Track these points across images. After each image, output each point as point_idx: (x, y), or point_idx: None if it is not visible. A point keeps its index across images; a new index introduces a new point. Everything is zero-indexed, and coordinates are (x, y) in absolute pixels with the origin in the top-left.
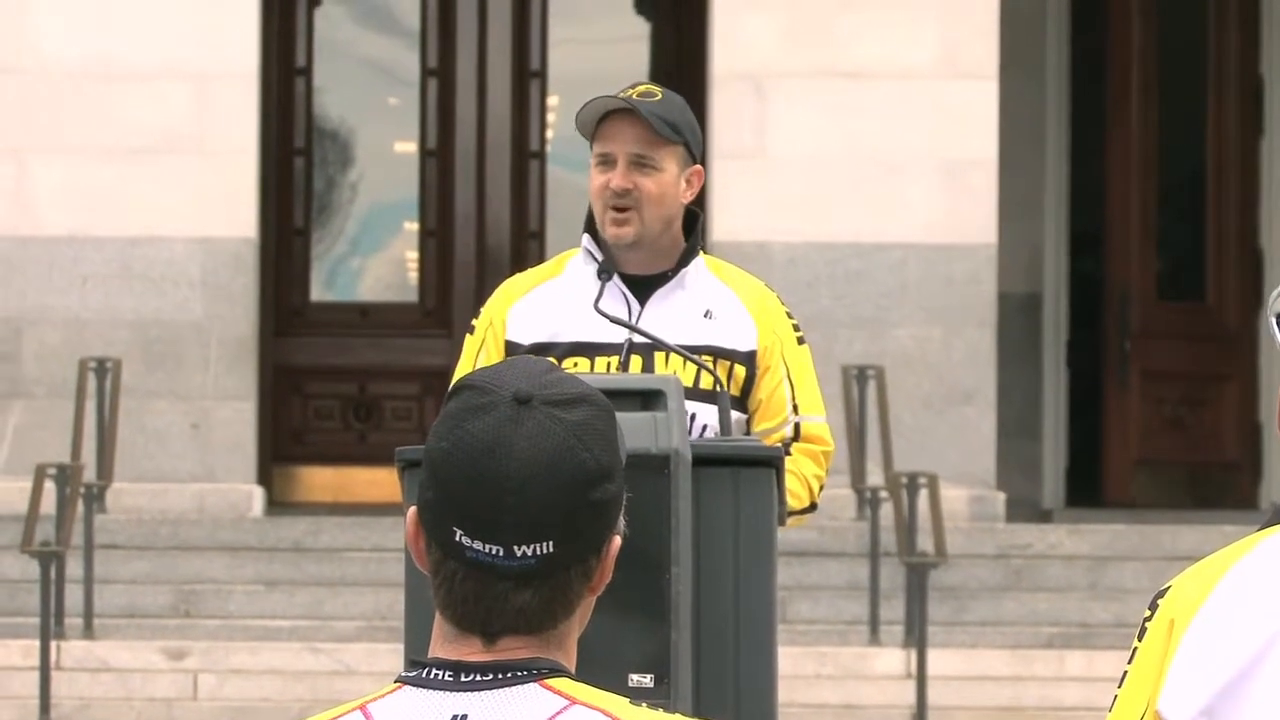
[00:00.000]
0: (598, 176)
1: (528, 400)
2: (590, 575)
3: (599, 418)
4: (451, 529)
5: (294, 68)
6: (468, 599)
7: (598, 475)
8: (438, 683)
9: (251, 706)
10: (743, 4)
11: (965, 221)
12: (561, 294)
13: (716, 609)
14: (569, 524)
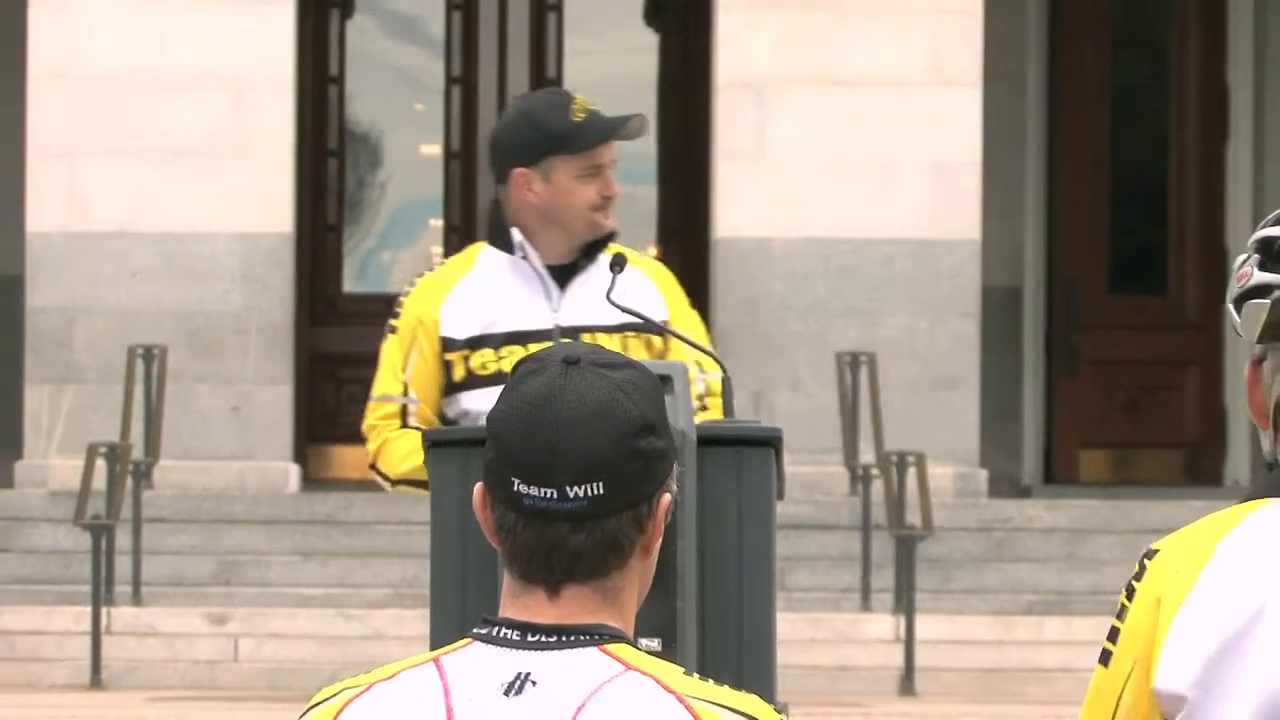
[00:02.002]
0: (585, 187)
1: (576, 362)
2: (642, 525)
3: (645, 379)
4: (510, 479)
5: (327, 76)
6: (529, 546)
7: (643, 425)
8: (506, 641)
9: (288, 668)
10: (744, 17)
11: (951, 219)
12: (483, 287)
13: (720, 578)
14: (617, 468)
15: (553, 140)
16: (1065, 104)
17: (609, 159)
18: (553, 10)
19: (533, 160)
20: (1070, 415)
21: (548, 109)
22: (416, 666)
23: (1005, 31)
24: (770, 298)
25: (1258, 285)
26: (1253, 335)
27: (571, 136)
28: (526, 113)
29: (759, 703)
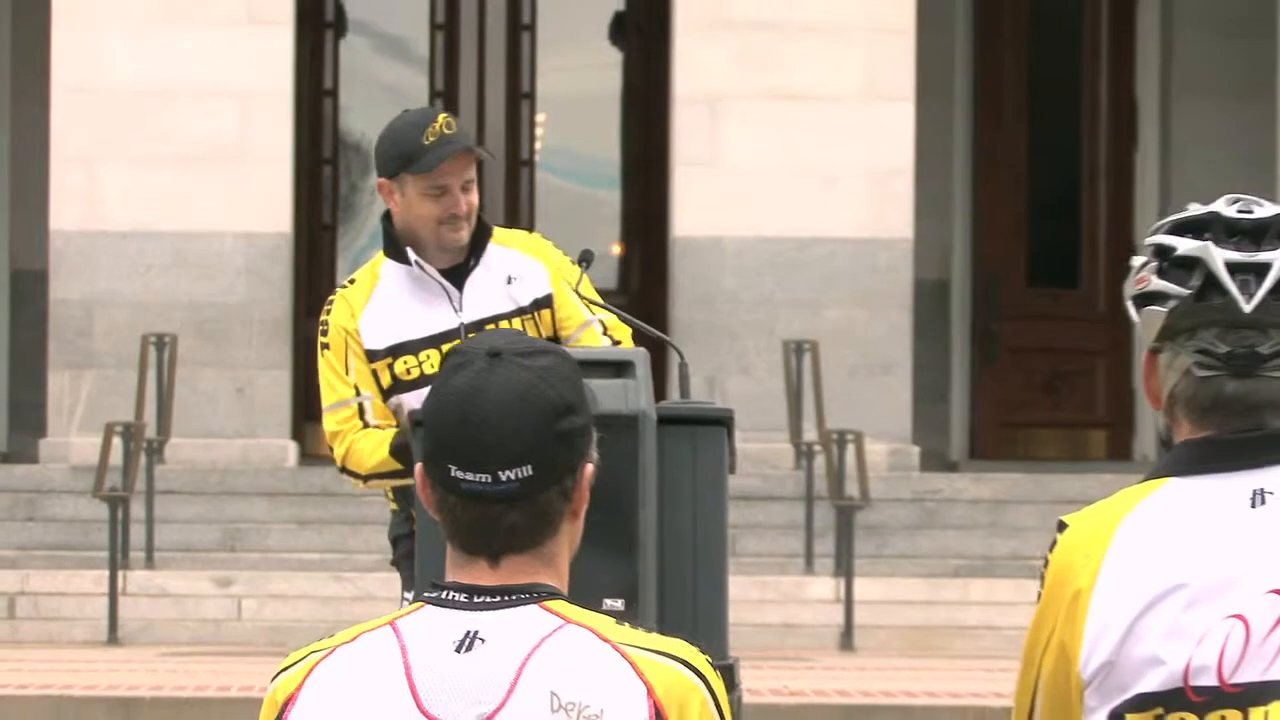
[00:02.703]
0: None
1: (498, 354)
2: (569, 496)
3: (562, 363)
4: (448, 467)
5: (322, 90)
6: (469, 525)
7: (563, 408)
8: (454, 603)
9: (286, 626)
10: (700, 37)
11: (886, 220)
12: (392, 299)
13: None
14: (543, 450)
15: (402, 159)
16: (989, 116)
17: (457, 179)
18: (526, 30)
19: (390, 174)
20: (993, 397)
21: (406, 129)
22: (375, 630)
23: (935, 50)
24: (723, 291)
25: (1156, 292)
26: (1150, 336)
27: (415, 157)
28: (392, 130)
29: (685, 645)
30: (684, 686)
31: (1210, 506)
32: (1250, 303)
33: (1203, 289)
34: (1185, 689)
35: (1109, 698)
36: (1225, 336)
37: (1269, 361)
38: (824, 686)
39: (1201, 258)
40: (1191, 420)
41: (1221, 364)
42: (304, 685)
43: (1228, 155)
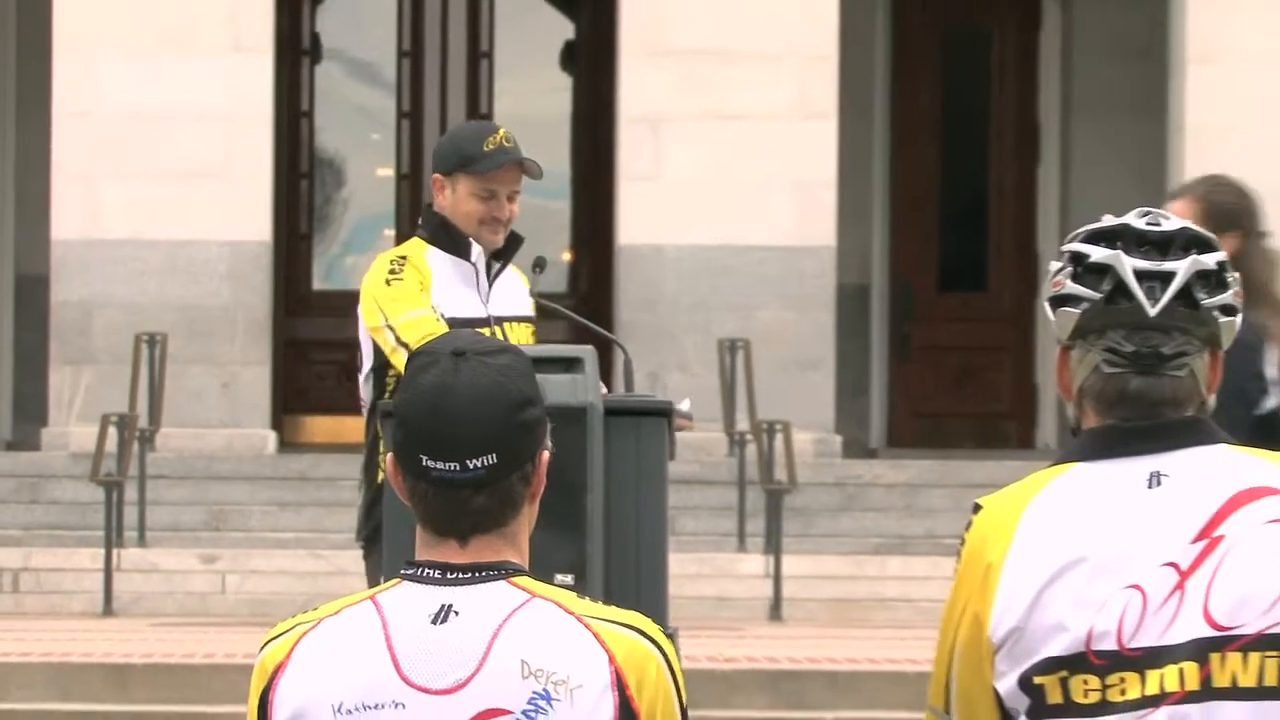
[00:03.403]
0: (478, 204)
1: (463, 353)
2: (529, 481)
3: (519, 361)
4: (419, 457)
5: (300, 111)
6: (440, 510)
7: (523, 401)
8: (430, 579)
9: (267, 599)
10: (643, 63)
11: (812, 229)
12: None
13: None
14: (505, 440)
15: (462, 159)
16: (904, 134)
17: (506, 187)
18: (485, 58)
19: (446, 171)
20: (908, 391)
21: (470, 134)
22: (357, 603)
23: (856, 74)
24: (664, 295)
25: (1070, 295)
26: (1064, 335)
27: (474, 159)
28: (454, 133)
29: (641, 617)
30: (642, 654)
31: (1111, 487)
32: (1155, 307)
33: (1112, 293)
34: (1088, 653)
35: (1018, 662)
36: (1131, 337)
37: (1170, 361)
38: (755, 654)
39: (1113, 265)
40: (1098, 412)
41: (1127, 362)
42: (292, 654)
43: (1122, 170)
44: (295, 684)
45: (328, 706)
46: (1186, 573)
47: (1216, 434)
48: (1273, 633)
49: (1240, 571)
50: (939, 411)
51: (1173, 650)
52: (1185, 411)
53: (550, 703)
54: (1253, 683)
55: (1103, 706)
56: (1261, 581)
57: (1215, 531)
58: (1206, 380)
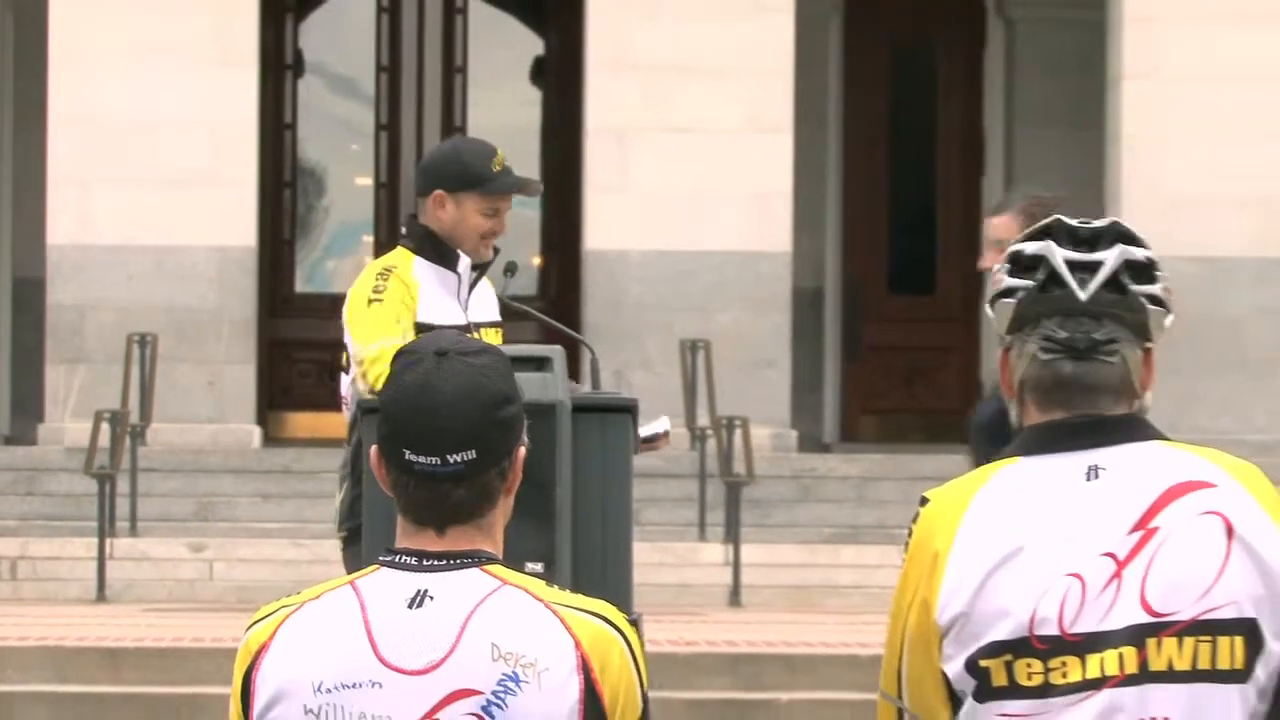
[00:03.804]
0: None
1: (445, 353)
2: (505, 476)
3: (499, 361)
4: (402, 450)
5: (283, 123)
6: (420, 501)
7: (501, 399)
8: (407, 566)
9: (252, 586)
10: (609, 78)
11: (768, 236)
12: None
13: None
14: (485, 436)
15: (472, 179)
16: (856, 144)
17: (507, 205)
18: (459, 72)
19: (451, 188)
20: (860, 389)
21: (476, 155)
22: (338, 588)
23: (811, 88)
24: (629, 297)
25: (1007, 288)
26: (1003, 328)
27: (486, 181)
28: (461, 151)
29: (606, 605)
30: (606, 640)
31: (1051, 480)
32: (1085, 292)
33: (1046, 282)
34: (1030, 638)
35: (965, 646)
36: (1065, 324)
37: (1103, 346)
38: (715, 638)
39: (1045, 255)
40: (1037, 404)
41: (1061, 348)
42: (275, 636)
43: (1062, 178)
44: (278, 664)
45: (308, 685)
46: (1124, 562)
47: (1151, 430)
48: (1206, 618)
49: (1174, 561)
50: (889, 408)
51: (1111, 635)
52: (1121, 401)
53: (519, 684)
54: (1187, 666)
55: (1045, 689)
56: (1194, 570)
57: (1151, 523)
58: (1141, 377)
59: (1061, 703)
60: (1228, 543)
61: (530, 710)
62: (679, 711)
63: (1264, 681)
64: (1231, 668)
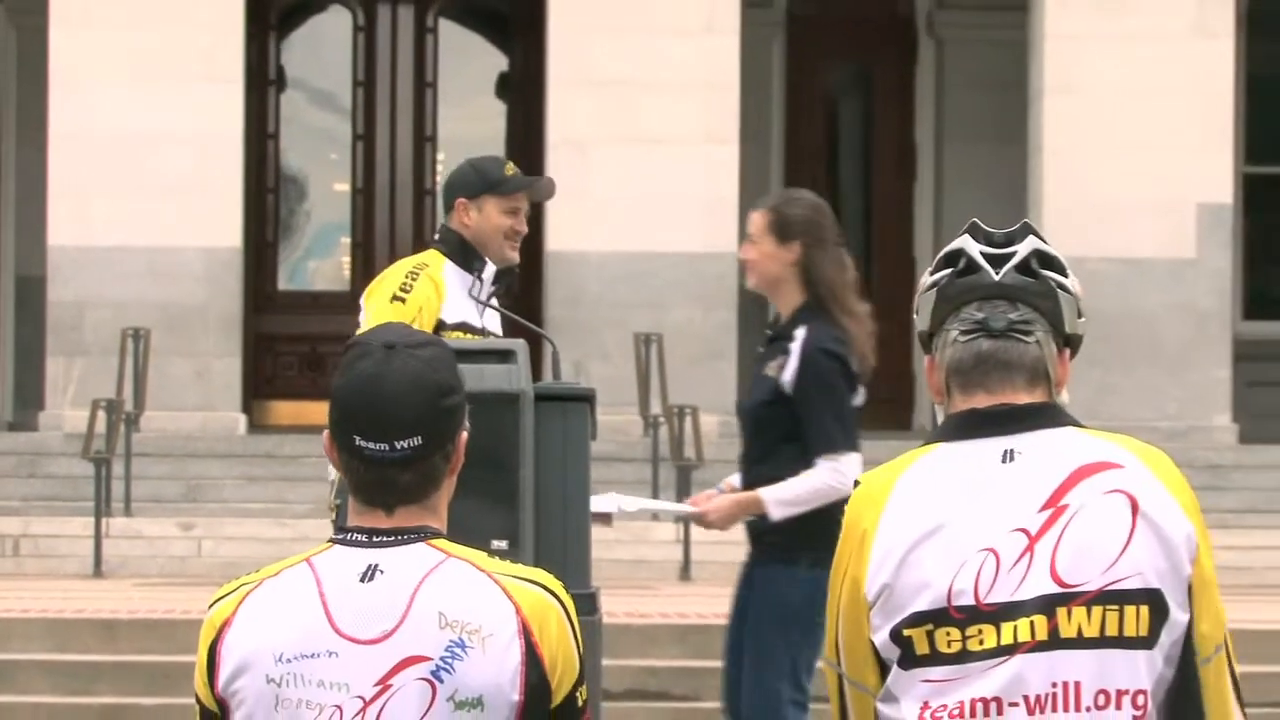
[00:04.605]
0: (505, 219)
1: (393, 346)
2: (449, 459)
3: (444, 352)
4: (353, 437)
5: (266, 133)
6: (370, 483)
7: (446, 389)
8: (358, 542)
9: (237, 562)
10: (570, 93)
11: (717, 239)
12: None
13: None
14: (430, 424)
15: (488, 183)
16: (796, 155)
17: (524, 207)
18: (430, 87)
19: (472, 195)
20: None
21: (488, 164)
22: (294, 565)
23: (755, 104)
24: (588, 294)
25: (929, 284)
26: (926, 324)
27: (501, 183)
28: (474, 163)
29: (545, 574)
30: (544, 605)
31: (970, 463)
32: (999, 274)
33: (963, 270)
34: (949, 608)
35: (890, 617)
36: (982, 307)
37: (1019, 325)
38: (667, 610)
39: (962, 247)
40: (959, 388)
41: (979, 327)
42: (237, 611)
43: (989, 188)
44: (240, 637)
45: (270, 656)
46: (1035, 537)
47: (1066, 417)
48: (1112, 589)
49: (1083, 535)
50: None
51: (1024, 605)
52: (1036, 386)
53: (465, 650)
54: (1095, 633)
55: (963, 655)
56: (1101, 544)
57: (1061, 500)
58: (1056, 370)
59: (978, 668)
60: (1133, 519)
61: (476, 673)
62: (634, 679)
63: (1169, 648)
64: (1138, 635)
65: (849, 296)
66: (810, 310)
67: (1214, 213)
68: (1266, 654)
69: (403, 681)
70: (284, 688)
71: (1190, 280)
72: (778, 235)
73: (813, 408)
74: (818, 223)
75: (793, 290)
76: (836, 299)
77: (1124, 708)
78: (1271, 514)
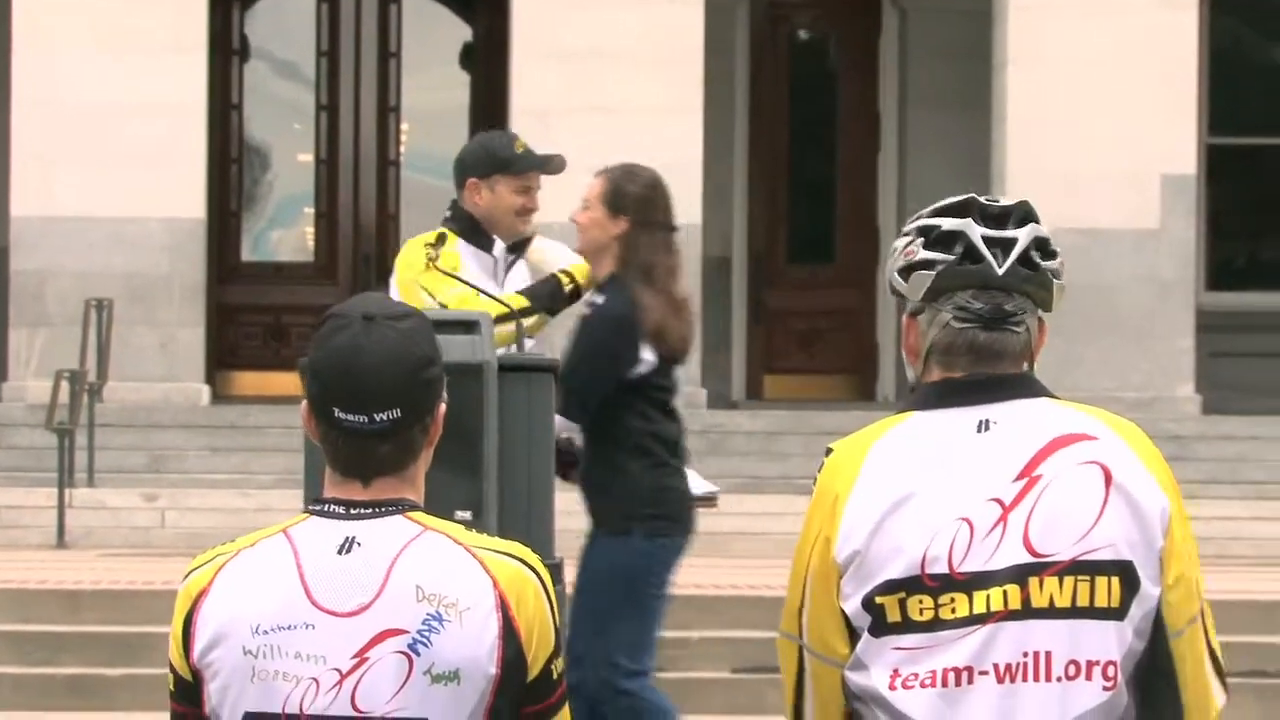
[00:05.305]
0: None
1: (373, 318)
2: (427, 431)
3: (422, 325)
4: (331, 409)
5: (230, 104)
6: (348, 455)
7: (425, 361)
8: (335, 514)
9: (201, 533)
10: (533, 63)
11: (680, 208)
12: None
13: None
14: (409, 395)
15: (499, 163)
16: (761, 124)
17: (535, 184)
18: (393, 57)
19: (483, 174)
20: (764, 350)
21: (499, 142)
22: (271, 536)
23: (719, 72)
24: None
25: (924, 260)
26: (917, 297)
27: (512, 162)
28: (484, 142)
29: (521, 547)
30: (521, 578)
31: (945, 432)
32: (1002, 269)
33: (963, 256)
34: (922, 576)
35: (862, 584)
36: (979, 296)
37: (1012, 318)
38: None
39: (964, 231)
40: (940, 364)
41: (975, 318)
42: (214, 581)
43: (952, 157)
44: (217, 608)
45: (247, 628)
46: (1009, 507)
47: (1040, 388)
48: (1084, 559)
49: (1056, 506)
50: (791, 368)
51: (996, 574)
52: (1019, 365)
53: (442, 623)
54: (1067, 603)
55: (935, 623)
56: (1074, 514)
57: (1035, 471)
58: (1035, 340)
59: (950, 636)
60: (1106, 490)
61: (453, 646)
62: None
63: (1140, 620)
64: (1109, 606)
65: (666, 279)
66: (616, 281)
67: (1178, 184)
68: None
69: (380, 654)
70: (260, 659)
71: (1154, 251)
72: (609, 206)
73: (571, 352)
74: (650, 201)
75: (610, 261)
76: (649, 278)
77: (1094, 678)
78: (1234, 485)
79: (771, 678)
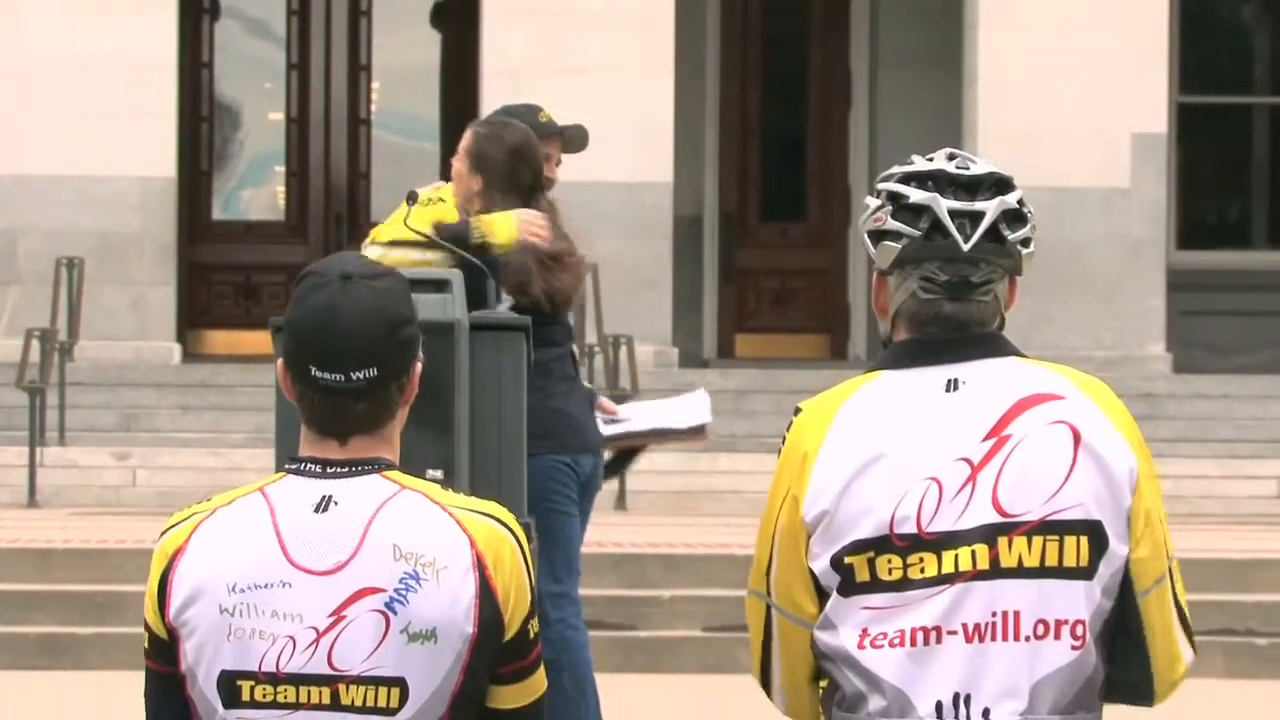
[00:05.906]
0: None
1: (350, 277)
2: (404, 390)
3: (399, 285)
4: (308, 367)
5: (201, 62)
6: (325, 414)
7: (401, 321)
8: (312, 473)
9: (172, 491)
10: (504, 22)
11: (652, 168)
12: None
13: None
14: (386, 355)
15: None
16: (732, 84)
17: (555, 154)
18: (364, 15)
19: None
20: (735, 309)
21: (522, 111)
22: (248, 494)
23: (691, 32)
24: None
25: (891, 231)
26: (884, 265)
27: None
28: (510, 111)
29: (498, 506)
30: (498, 538)
31: (914, 391)
32: (968, 244)
33: (930, 230)
34: (891, 536)
35: (831, 544)
36: (945, 268)
37: (979, 288)
38: (603, 539)
39: (930, 205)
40: (910, 330)
41: (941, 290)
42: (190, 540)
43: (922, 116)
44: (193, 566)
45: (223, 585)
46: (978, 466)
47: (1009, 347)
48: (1053, 519)
49: (1025, 466)
50: (761, 327)
51: (965, 534)
52: (987, 325)
53: (419, 582)
54: (1035, 563)
55: (904, 583)
56: (1043, 474)
57: (1004, 431)
58: (1005, 300)
59: (919, 595)
60: (1074, 450)
61: (430, 605)
62: None
63: (1108, 580)
64: (1077, 565)
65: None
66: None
67: (1148, 142)
68: (1199, 582)
69: (356, 613)
70: (237, 617)
71: (1124, 209)
72: (471, 162)
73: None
74: (509, 168)
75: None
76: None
77: (1062, 637)
78: (1204, 443)
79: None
